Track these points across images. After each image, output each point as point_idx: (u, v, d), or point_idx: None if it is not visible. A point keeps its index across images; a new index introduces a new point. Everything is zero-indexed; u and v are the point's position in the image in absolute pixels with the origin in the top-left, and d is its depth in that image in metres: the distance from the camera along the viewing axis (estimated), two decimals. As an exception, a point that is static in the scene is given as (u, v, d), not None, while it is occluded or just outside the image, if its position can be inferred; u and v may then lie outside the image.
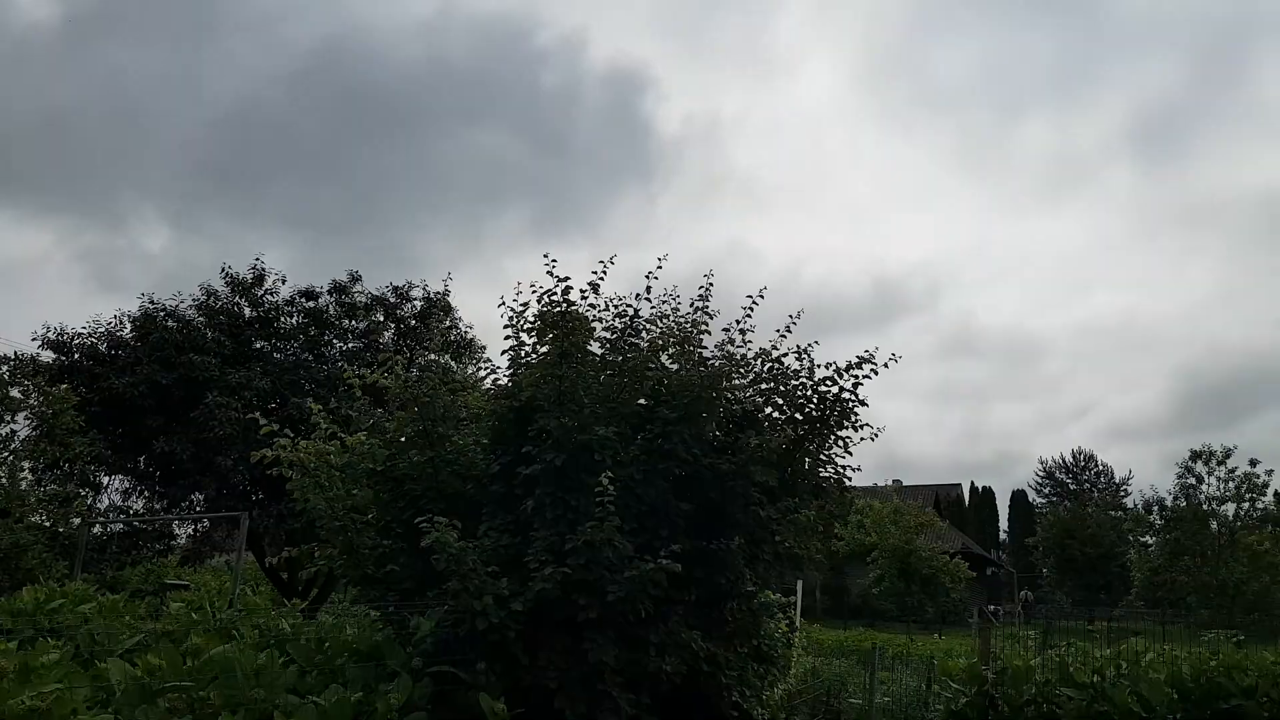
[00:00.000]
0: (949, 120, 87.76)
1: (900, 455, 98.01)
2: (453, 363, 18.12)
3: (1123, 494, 59.64)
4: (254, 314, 19.37)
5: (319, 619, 8.72)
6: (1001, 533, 68.45)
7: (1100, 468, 66.98)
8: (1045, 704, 10.61)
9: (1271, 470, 37.02)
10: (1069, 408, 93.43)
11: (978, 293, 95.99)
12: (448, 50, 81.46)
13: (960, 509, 64.61)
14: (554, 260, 8.56)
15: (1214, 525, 37.67)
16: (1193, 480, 37.45)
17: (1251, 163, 73.95)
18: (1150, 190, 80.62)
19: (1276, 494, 47.10)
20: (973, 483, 71.02)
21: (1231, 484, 36.79)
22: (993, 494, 70.41)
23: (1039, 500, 66.13)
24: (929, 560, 38.32)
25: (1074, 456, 68.17)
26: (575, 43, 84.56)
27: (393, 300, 19.40)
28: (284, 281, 19.67)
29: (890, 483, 57.69)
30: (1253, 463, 36.73)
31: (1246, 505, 36.82)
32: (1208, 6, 75.82)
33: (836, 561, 42.80)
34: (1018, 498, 68.25)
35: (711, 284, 10.53)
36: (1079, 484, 65.92)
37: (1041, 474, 69.00)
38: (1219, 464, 36.92)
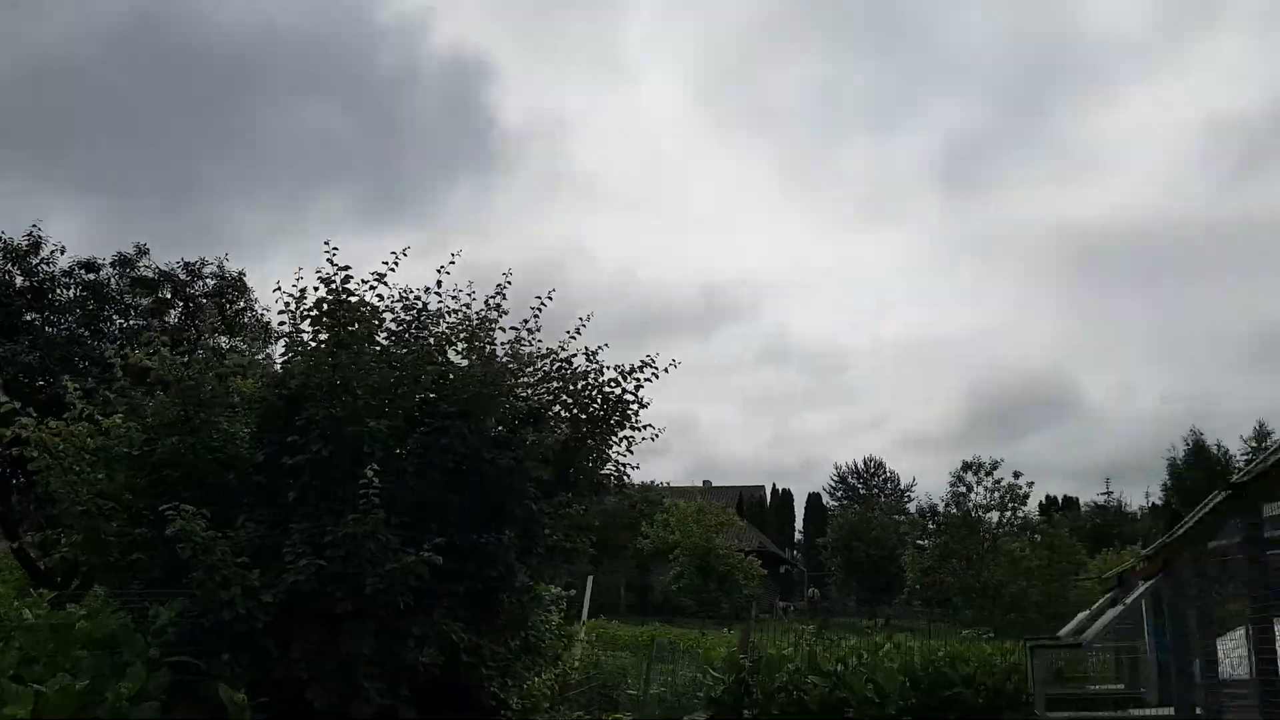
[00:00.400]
0: (777, 138, 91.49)
1: (717, 457, 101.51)
2: (244, 347, 17.40)
3: (906, 500, 64.00)
4: (26, 284, 17.86)
5: (70, 609, 8.30)
6: (797, 533, 72.07)
7: (888, 474, 71.61)
8: (795, 690, 11.49)
9: (1033, 482, 40.73)
10: (868, 417, 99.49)
11: (795, 305, 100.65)
12: (280, 19, 77.33)
13: (761, 510, 67.48)
14: (335, 248, 8.51)
15: (981, 531, 41.02)
16: (963, 489, 40.66)
17: (1045, 199, 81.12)
18: (954, 218, 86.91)
19: (1041, 504, 52.01)
20: (774, 485, 74.45)
21: (997, 494, 40.20)
22: (791, 496, 74.05)
23: (832, 503, 69.97)
24: (726, 558, 39.89)
25: (865, 463, 72.60)
26: (418, 24, 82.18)
27: (183, 277, 18.33)
28: (63, 251, 18.24)
29: (701, 483, 59.75)
30: (1016, 475, 40.24)
31: (1009, 514, 40.33)
32: (1018, 49, 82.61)
33: (642, 559, 43.89)
34: (813, 500, 72.04)
35: (509, 282, 10.72)
36: (868, 489, 70.19)
37: (836, 479, 73.09)
38: (987, 475, 40.22)
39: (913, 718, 11.08)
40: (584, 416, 10.13)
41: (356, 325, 8.64)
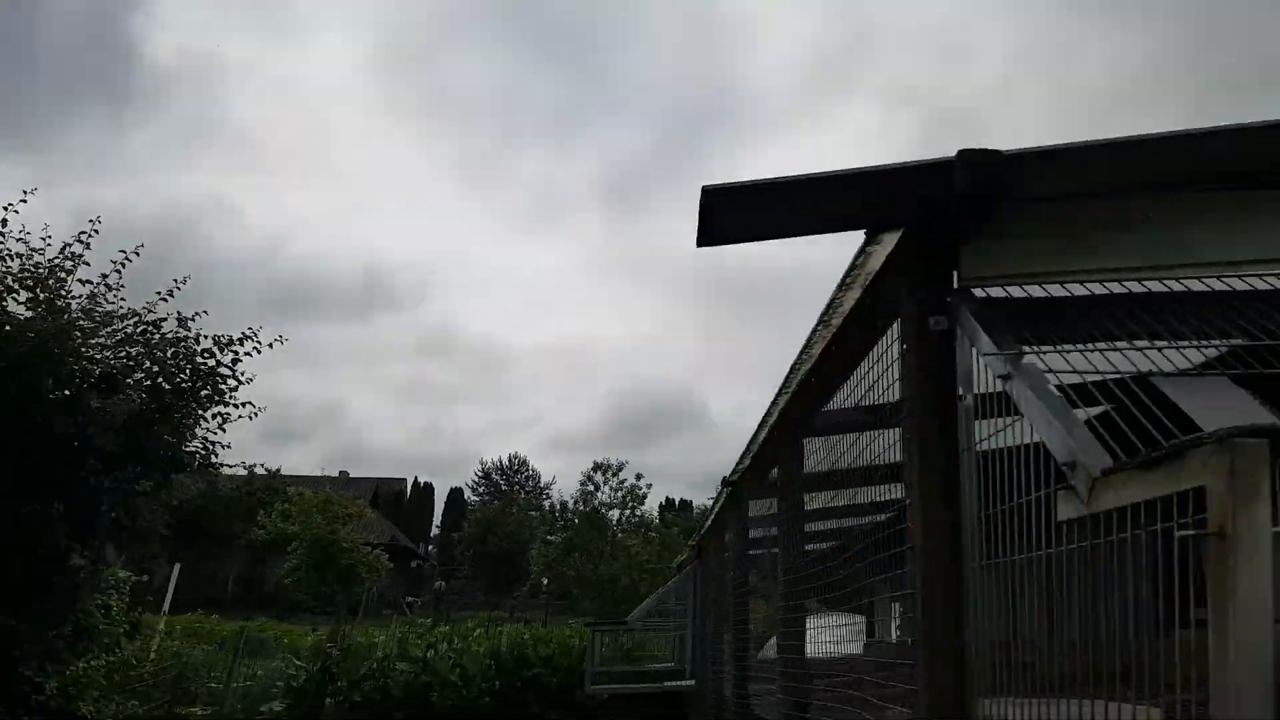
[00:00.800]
0: (455, 129, 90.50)
1: (363, 446, 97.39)
2: None
3: (544, 497, 66.17)
4: None
5: None
6: (435, 528, 71.78)
7: (530, 472, 73.55)
8: (382, 677, 11.56)
9: (651, 484, 44.27)
10: (522, 416, 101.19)
11: (461, 299, 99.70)
12: None
13: (400, 503, 66.40)
14: None
15: (605, 528, 43.65)
16: (592, 488, 43.20)
17: (690, 229, 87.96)
18: (613, 235, 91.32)
19: (661, 505, 56.24)
20: (416, 478, 73.62)
21: (620, 493, 43.10)
22: (433, 490, 73.66)
23: (474, 499, 70.56)
24: (350, 551, 38.74)
25: (510, 460, 74.06)
26: (50, -68, 70.90)
27: None
28: None
29: (338, 473, 57.55)
30: (638, 476, 43.59)
31: (628, 512, 43.38)
32: (682, 89, 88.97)
33: (257, 550, 41.33)
34: (454, 495, 72.18)
35: (97, 230, 9.78)
36: (511, 486, 71.63)
37: (480, 474, 73.80)
38: (614, 475, 43.08)
39: (493, 699, 11.61)
40: (168, 386, 9.47)
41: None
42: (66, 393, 8.59)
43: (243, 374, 10.14)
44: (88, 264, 9.56)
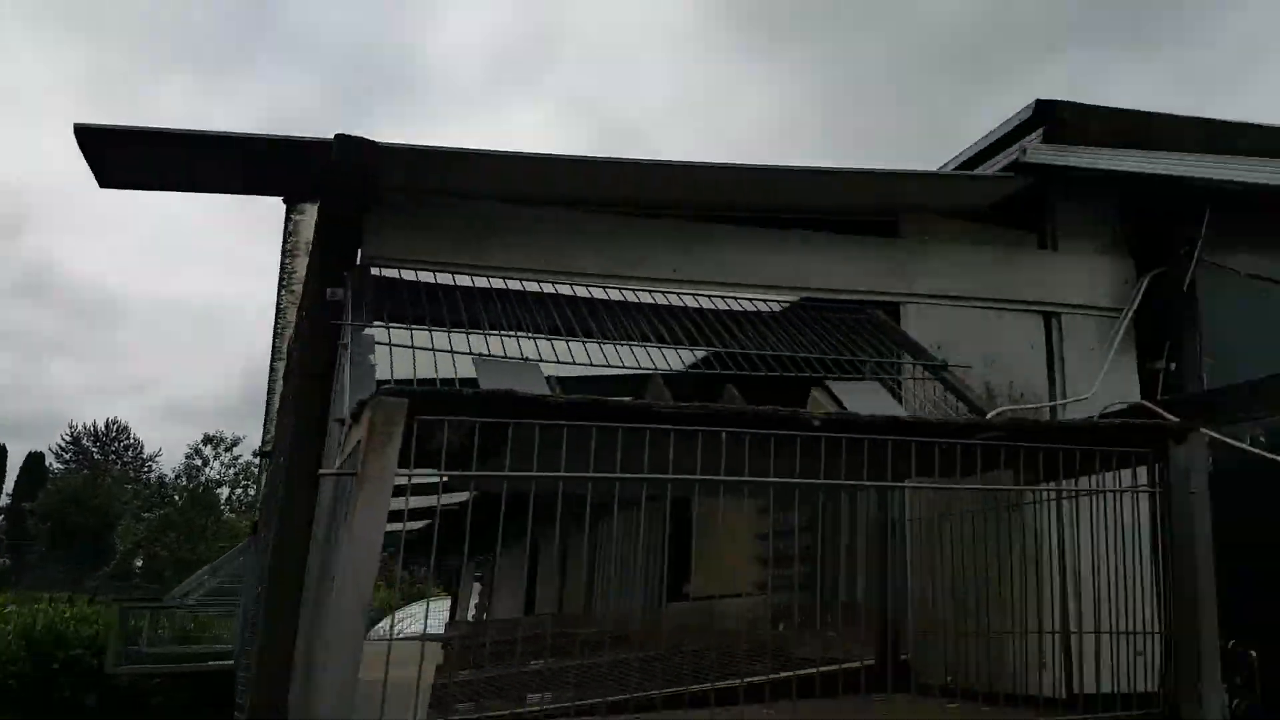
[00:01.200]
0: (87, 46, 79.22)
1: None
2: None
3: (147, 470, 60.01)
4: None
5: None
6: (7, 496, 62.23)
7: (130, 441, 66.06)
8: (-125, 658, 9.96)
9: (269, 465, 41.84)
10: (131, 379, 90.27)
11: (69, 237, 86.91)
12: None
13: (-38, 466, 56.95)
14: None
15: (214, 506, 40.52)
16: (200, 462, 39.88)
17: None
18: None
19: (287, 486, 53.32)
20: (-10, 440, 63.40)
21: (232, 470, 40.25)
22: (6, 452, 63.70)
23: (58, 466, 62.11)
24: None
25: (107, 426, 65.97)
26: None
27: None
28: None
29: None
30: (255, 454, 40.97)
31: (240, 491, 40.61)
32: (363, 50, 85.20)
33: None
34: (34, 460, 62.90)
35: None
36: (104, 454, 63.92)
37: (69, 439, 65.04)
38: (227, 450, 40.11)
39: (21, 681, 10.49)
40: None
41: None
42: None
43: None
44: None
